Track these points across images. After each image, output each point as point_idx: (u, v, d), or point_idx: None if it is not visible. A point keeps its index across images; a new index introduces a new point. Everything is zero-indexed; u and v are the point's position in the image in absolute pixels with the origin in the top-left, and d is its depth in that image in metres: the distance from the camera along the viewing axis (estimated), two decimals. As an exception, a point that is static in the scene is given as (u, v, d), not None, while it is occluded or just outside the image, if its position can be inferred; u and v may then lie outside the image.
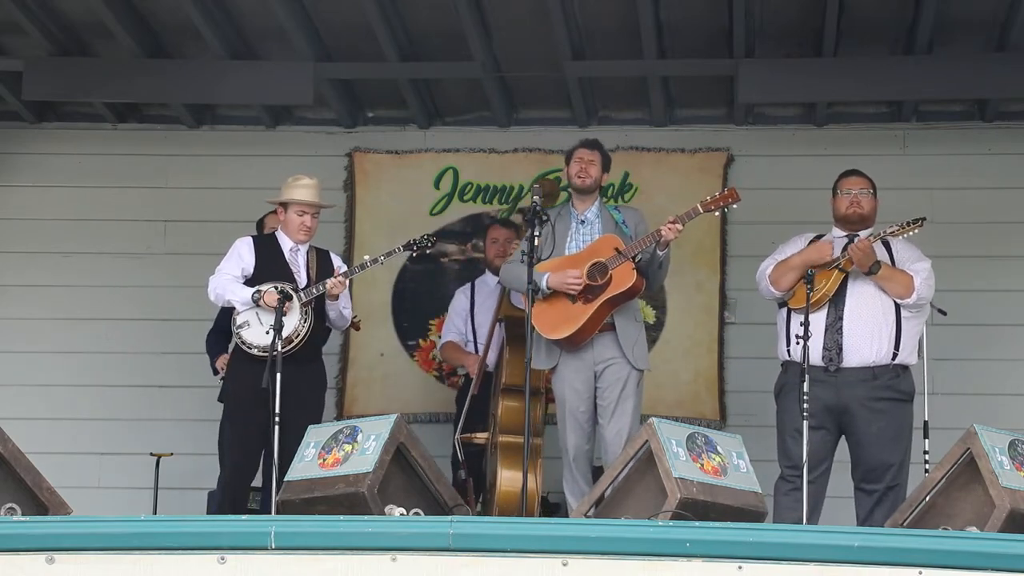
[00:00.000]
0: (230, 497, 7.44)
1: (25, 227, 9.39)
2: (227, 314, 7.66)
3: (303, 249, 7.63)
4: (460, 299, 8.47)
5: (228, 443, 7.59)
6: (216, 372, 8.11)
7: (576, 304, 7.26)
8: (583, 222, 7.48)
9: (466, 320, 8.37)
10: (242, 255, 7.56)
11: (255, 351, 7.31)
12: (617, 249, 7.26)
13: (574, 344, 7.27)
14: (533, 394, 7.05)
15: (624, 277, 7.23)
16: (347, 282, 7.50)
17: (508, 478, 7.40)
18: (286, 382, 7.11)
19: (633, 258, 7.24)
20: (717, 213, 7.37)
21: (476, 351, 8.25)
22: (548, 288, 7.25)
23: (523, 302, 7.67)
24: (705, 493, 5.69)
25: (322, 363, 7.68)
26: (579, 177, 7.46)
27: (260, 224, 8.33)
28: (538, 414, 7.43)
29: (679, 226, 7.16)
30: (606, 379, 7.28)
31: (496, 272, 8.31)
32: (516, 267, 7.37)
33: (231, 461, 7.52)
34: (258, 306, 7.34)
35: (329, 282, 7.40)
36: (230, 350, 7.82)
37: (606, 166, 7.53)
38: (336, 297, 7.47)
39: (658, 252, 7.22)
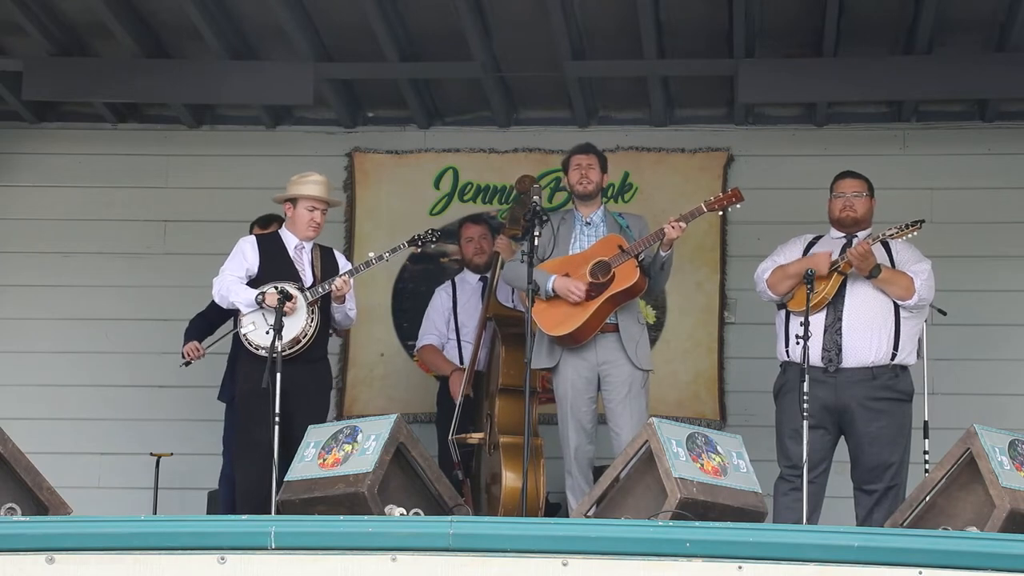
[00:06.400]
0: (253, 501, 7.16)
1: (25, 227, 9.38)
2: (218, 306, 7.64)
3: (308, 247, 7.60)
4: (442, 297, 8.41)
5: (240, 444, 7.52)
6: (182, 357, 8.03)
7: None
8: (588, 224, 7.50)
9: (448, 320, 8.33)
10: (246, 254, 7.52)
11: (262, 352, 7.25)
12: (620, 246, 7.27)
13: (576, 341, 7.27)
14: (531, 394, 7.06)
15: (627, 275, 7.24)
16: (352, 281, 7.47)
17: (513, 478, 7.40)
18: (297, 382, 7.12)
19: (636, 256, 7.24)
20: (720, 213, 7.38)
21: (459, 350, 8.22)
22: (553, 292, 7.26)
23: (519, 301, 7.69)
24: (705, 493, 5.69)
25: (328, 362, 7.67)
26: (580, 184, 7.49)
27: (253, 228, 8.31)
28: (535, 414, 7.43)
29: (682, 224, 7.17)
30: (611, 382, 7.28)
31: (476, 270, 8.34)
32: (520, 267, 7.37)
33: (248, 463, 7.34)
34: (262, 307, 7.32)
35: (336, 282, 7.38)
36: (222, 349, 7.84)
37: (604, 167, 7.56)
38: (342, 299, 7.43)
39: (661, 252, 7.22)
